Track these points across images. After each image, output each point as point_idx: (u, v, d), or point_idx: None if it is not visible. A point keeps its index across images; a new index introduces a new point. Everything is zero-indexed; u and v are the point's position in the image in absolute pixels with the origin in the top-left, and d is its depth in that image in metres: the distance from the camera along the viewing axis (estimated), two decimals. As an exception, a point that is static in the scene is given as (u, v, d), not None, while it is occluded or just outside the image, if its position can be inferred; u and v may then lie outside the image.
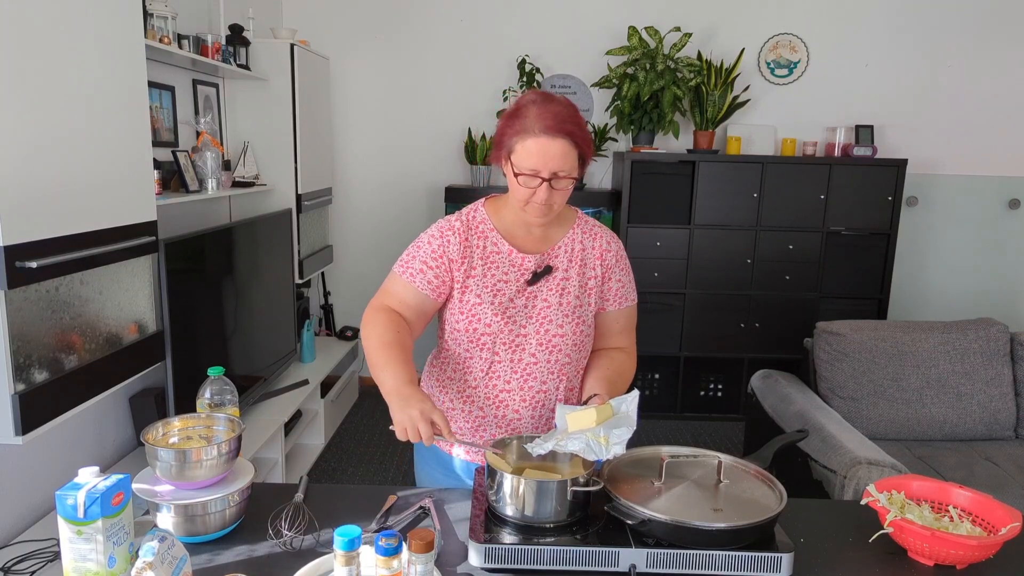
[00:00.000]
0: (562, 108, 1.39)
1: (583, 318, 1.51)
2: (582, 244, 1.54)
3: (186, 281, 2.47)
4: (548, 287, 1.50)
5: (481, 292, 1.48)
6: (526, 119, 1.38)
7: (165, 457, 1.27)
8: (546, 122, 1.36)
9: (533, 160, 1.37)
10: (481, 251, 1.50)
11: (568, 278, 1.51)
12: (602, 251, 1.54)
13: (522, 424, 1.53)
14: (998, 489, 2.42)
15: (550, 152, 1.36)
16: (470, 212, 1.54)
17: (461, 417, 1.56)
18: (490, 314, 1.47)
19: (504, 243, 1.51)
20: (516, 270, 1.50)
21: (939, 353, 2.86)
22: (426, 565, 1.08)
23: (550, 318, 1.49)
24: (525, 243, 1.52)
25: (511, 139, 1.40)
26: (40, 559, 1.66)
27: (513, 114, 1.41)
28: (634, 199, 3.98)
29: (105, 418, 2.42)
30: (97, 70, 1.84)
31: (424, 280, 1.49)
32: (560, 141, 1.36)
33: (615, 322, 1.58)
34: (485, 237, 1.51)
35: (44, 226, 1.66)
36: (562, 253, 1.53)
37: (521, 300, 1.49)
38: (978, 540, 1.22)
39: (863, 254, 4.07)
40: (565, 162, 1.38)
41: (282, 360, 3.46)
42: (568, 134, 1.37)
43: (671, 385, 4.21)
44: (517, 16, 4.29)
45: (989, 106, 4.33)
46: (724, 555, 1.19)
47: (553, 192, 1.40)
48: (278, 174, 3.60)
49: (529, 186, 1.40)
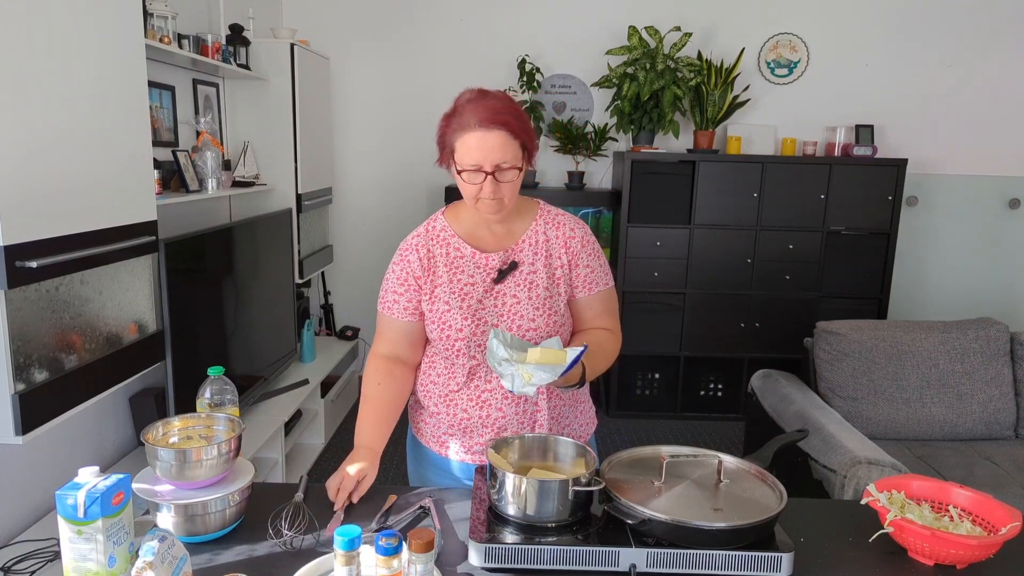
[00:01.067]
0: (497, 101, 1.40)
1: (554, 308, 1.50)
2: (546, 235, 1.53)
3: (186, 281, 2.47)
4: (516, 283, 1.50)
5: (449, 299, 1.49)
6: (463, 116, 1.39)
7: (165, 457, 1.27)
8: (481, 115, 1.37)
9: (473, 155, 1.38)
10: (444, 258, 1.51)
11: (535, 271, 1.51)
12: (566, 239, 1.53)
13: (507, 422, 1.52)
14: (998, 489, 2.42)
15: (488, 144, 1.37)
16: (429, 223, 1.56)
17: (446, 422, 1.55)
18: (459, 319, 1.47)
19: (466, 246, 1.51)
20: (481, 271, 1.50)
21: (939, 353, 2.86)
22: (426, 565, 1.08)
23: (520, 313, 1.48)
24: (488, 243, 1.52)
25: (450, 137, 1.41)
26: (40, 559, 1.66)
27: (451, 113, 1.43)
28: (634, 199, 3.98)
29: (105, 418, 2.42)
30: (97, 70, 1.84)
31: (400, 308, 1.53)
32: (497, 132, 1.37)
33: (588, 308, 1.56)
34: (447, 243, 1.52)
35: (44, 226, 1.66)
36: (526, 247, 1.52)
37: (490, 300, 1.49)
38: (978, 540, 1.22)
39: (863, 254, 4.07)
40: (505, 153, 1.38)
41: (282, 360, 3.46)
42: (504, 124, 1.37)
43: (671, 385, 4.21)
44: (517, 16, 4.29)
45: (989, 106, 4.33)
46: (724, 555, 1.19)
47: (499, 185, 1.40)
48: (278, 174, 3.60)
49: (474, 182, 1.40)
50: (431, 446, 1.60)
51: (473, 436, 1.54)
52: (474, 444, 1.55)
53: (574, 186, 4.21)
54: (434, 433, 1.60)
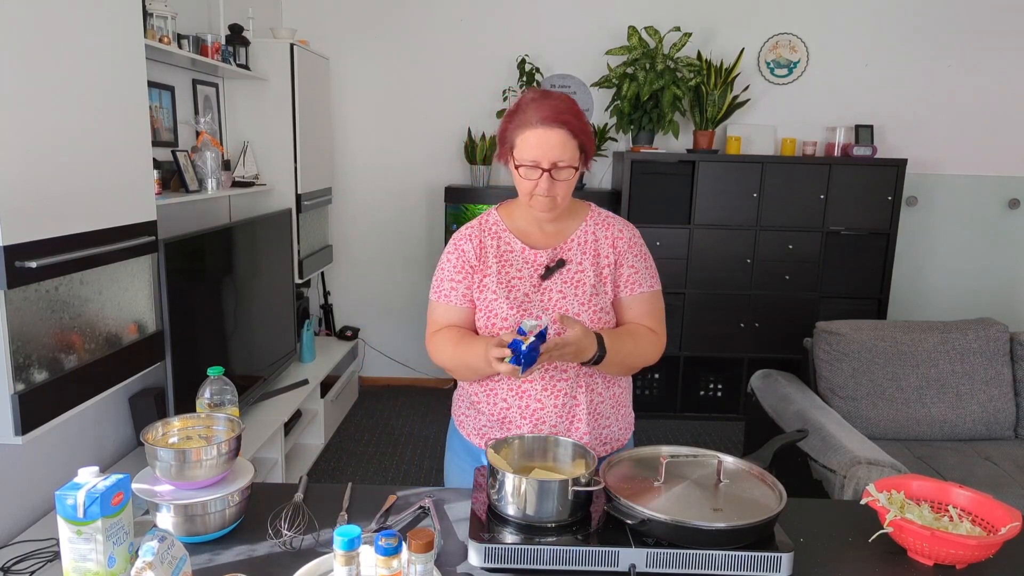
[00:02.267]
0: (559, 101, 1.45)
1: (600, 306, 1.52)
2: (595, 235, 1.56)
3: (186, 281, 2.47)
4: (563, 280, 1.53)
5: (496, 288, 1.52)
6: (525, 113, 1.44)
7: (165, 457, 1.27)
8: (543, 113, 1.42)
9: (532, 151, 1.43)
10: (495, 250, 1.56)
11: (583, 269, 1.54)
12: (614, 238, 1.56)
13: (546, 414, 1.53)
14: (998, 489, 2.42)
15: (548, 142, 1.42)
16: (483, 217, 1.61)
17: (487, 409, 1.57)
18: (505, 308, 1.51)
19: (517, 241, 1.56)
20: (529, 266, 1.54)
21: (939, 353, 2.86)
22: (426, 565, 1.08)
23: (566, 308, 1.50)
24: (539, 240, 1.57)
25: (512, 134, 1.46)
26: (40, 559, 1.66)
27: (513, 110, 1.48)
28: (634, 199, 3.98)
29: (105, 418, 2.42)
30: (97, 70, 1.84)
31: (458, 295, 1.56)
32: (557, 131, 1.42)
33: (629, 309, 1.57)
34: (498, 237, 1.57)
35: (44, 226, 1.66)
36: (575, 246, 1.55)
37: (537, 295, 1.52)
38: (978, 540, 1.22)
39: (863, 254, 4.07)
40: (564, 152, 1.43)
41: (282, 360, 3.47)
42: (564, 123, 1.42)
43: (671, 385, 4.21)
44: (517, 16, 4.29)
45: (989, 106, 4.33)
46: (724, 555, 1.19)
47: (555, 183, 1.44)
48: (278, 174, 3.60)
49: (530, 178, 1.45)
50: (471, 438, 1.62)
51: (511, 428, 1.56)
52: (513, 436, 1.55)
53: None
54: (475, 425, 1.61)
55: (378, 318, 4.64)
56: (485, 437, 1.59)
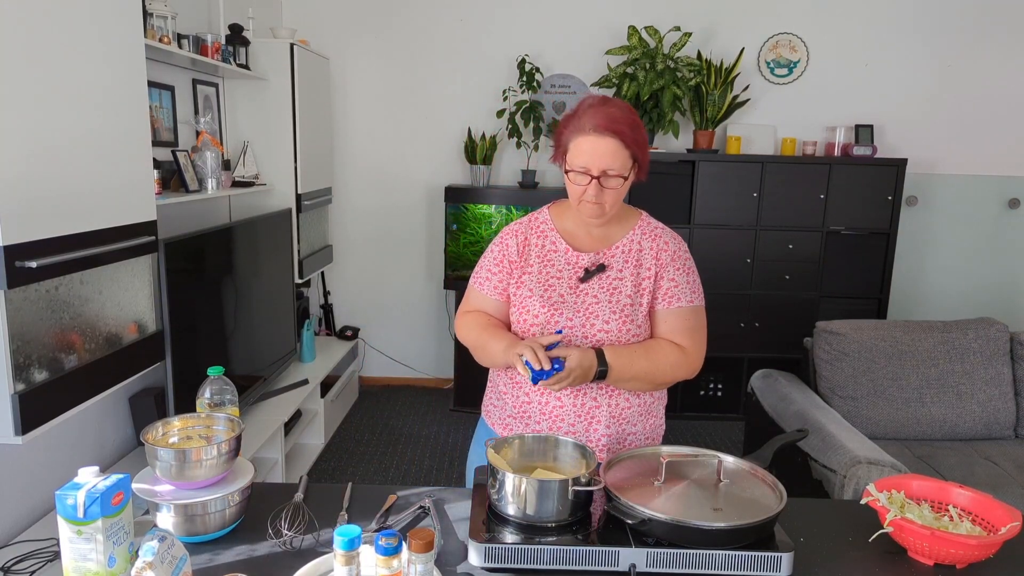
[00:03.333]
0: (617, 110, 1.45)
1: (632, 318, 1.51)
2: (640, 245, 1.57)
3: (186, 281, 2.47)
4: (600, 285, 1.53)
5: (533, 286, 1.54)
6: (581, 119, 1.45)
7: (165, 457, 1.27)
8: (597, 121, 1.43)
9: (583, 158, 1.44)
10: (539, 249, 1.58)
11: (622, 278, 1.54)
12: (658, 250, 1.56)
13: (564, 412, 1.53)
14: (998, 489, 2.42)
15: (599, 150, 1.43)
16: (535, 214, 1.63)
17: (510, 402, 1.59)
18: (537, 306, 1.52)
19: (562, 242, 1.57)
20: (571, 268, 1.55)
21: (939, 353, 2.86)
22: (426, 565, 1.08)
23: (596, 313, 1.51)
24: (584, 243, 1.58)
25: (566, 137, 1.48)
26: (40, 559, 1.66)
27: (571, 115, 1.49)
28: (634, 199, 3.94)
29: (105, 418, 2.42)
30: (97, 70, 1.84)
31: (491, 286, 1.60)
32: (609, 140, 1.42)
33: (663, 322, 1.55)
34: (545, 236, 1.59)
35: (44, 226, 1.66)
36: (619, 253, 1.56)
37: (572, 297, 1.53)
38: (978, 540, 1.22)
39: (863, 254, 4.07)
40: (615, 161, 1.43)
41: (282, 360, 3.47)
42: (617, 133, 1.42)
43: (671, 385, 4.20)
44: (517, 16, 4.29)
45: (989, 106, 4.33)
46: (724, 555, 1.19)
47: (603, 191, 1.45)
48: (278, 174, 3.60)
49: (580, 183, 1.46)
50: (496, 428, 1.64)
51: (530, 423, 1.57)
52: (532, 431, 1.57)
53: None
54: (500, 416, 1.63)
55: (378, 318, 4.64)
56: (508, 428, 1.61)
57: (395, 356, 4.68)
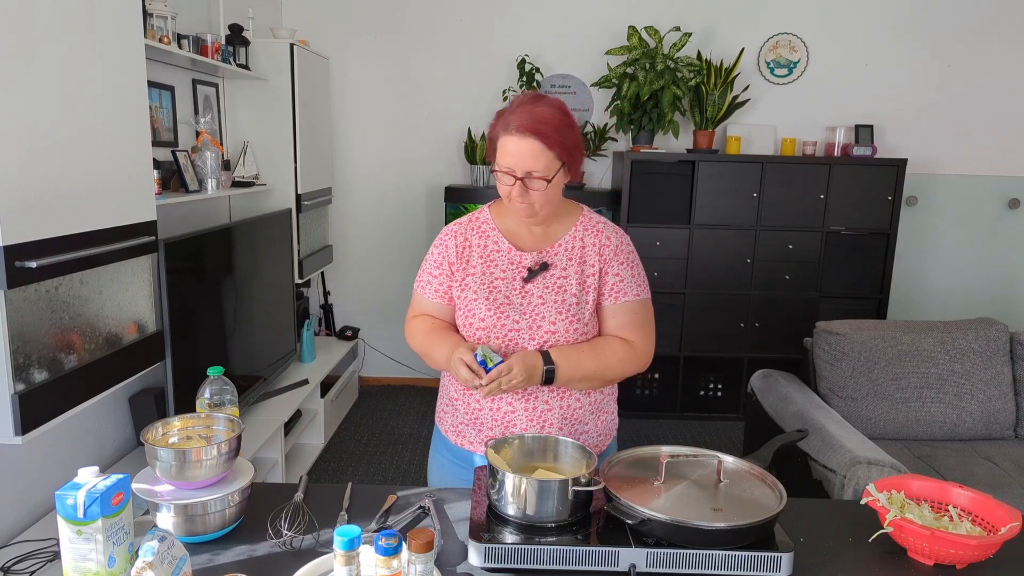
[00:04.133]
0: (545, 109, 1.39)
1: (579, 316, 1.49)
2: (583, 241, 1.53)
3: (186, 281, 2.47)
4: (545, 285, 1.50)
5: (478, 288, 1.51)
6: (509, 117, 1.40)
7: (165, 457, 1.27)
8: (522, 121, 1.37)
9: (507, 158, 1.40)
10: (481, 249, 1.54)
11: (566, 276, 1.51)
12: (601, 245, 1.53)
13: (516, 417, 1.52)
14: (998, 489, 2.42)
15: (521, 151, 1.37)
16: (475, 213, 1.59)
17: (463, 409, 1.57)
18: (483, 309, 1.49)
19: (504, 241, 1.54)
20: (514, 268, 1.52)
21: (939, 353, 2.86)
22: (426, 565, 1.08)
23: (543, 314, 1.48)
24: (526, 242, 1.54)
25: (495, 135, 1.43)
26: (40, 559, 1.66)
27: (502, 111, 1.44)
28: (634, 199, 3.98)
29: (105, 418, 2.42)
30: (97, 70, 1.84)
31: (432, 289, 1.57)
32: (531, 141, 1.37)
33: (612, 317, 1.53)
34: (486, 236, 1.55)
35: (44, 226, 1.66)
36: (562, 251, 1.53)
37: (518, 298, 1.50)
38: (978, 540, 1.22)
39: (863, 254, 4.07)
40: (537, 162, 1.37)
41: (282, 360, 3.47)
42: (539, 134, 1.36)
43: (671, 385, 4.21)
44: (517, 16, 4.29)
45: (989, 106, 4.33)
46: (724, 555, 1.19)
47: (528, 191, 1.40)
48: (278, 174, 3.60)
49: (505, 183, 1.42)
50: (449, 435, 1.63)
51: (483, 430, 1.56)
52: (485, 438, 1.56)
53: (574, 186, 4.21)
54: (453, 423, 1.62)
55: (378, 318, 4.64)
56: (461, 435, 1.60)
57: (395, 356, 4.68)
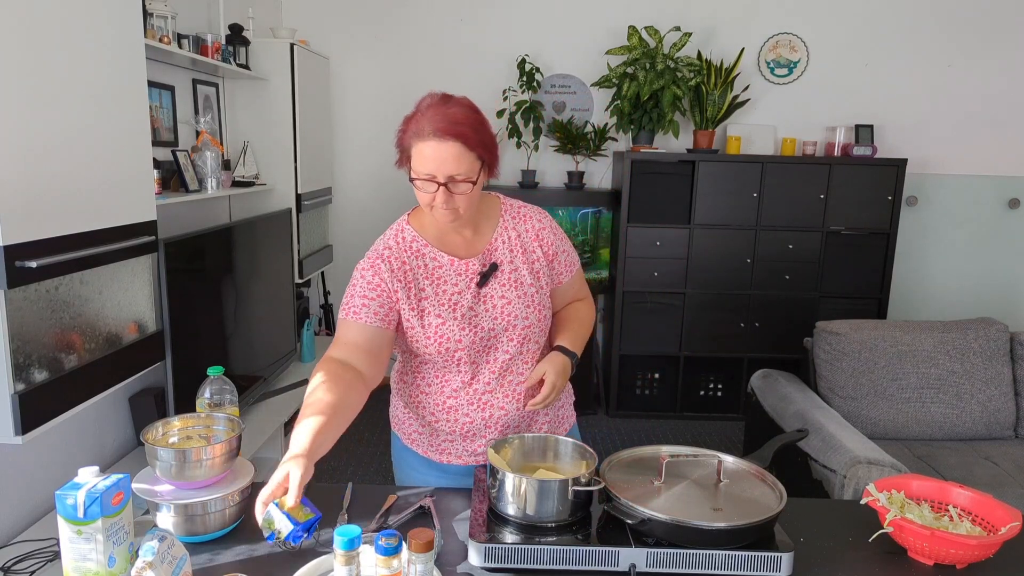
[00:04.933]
0: (458, 110, 1.35)
1: (542, 302, 1.52)
2: (516, 231, 1.52)
3: (186, 281, 2.47)
4: (500, 283, 1.49)
5: (441, 311, 1.45)
6: (420, 121, 1.34)
7: (165, 457, 1.27)
8: (437, 124, 1.32)
9: (427, 164, 1.34)
10: (424, 270, 1.47)
11: (516, 268, 1.50)
12: (537, 231, 1.53)
13: (509, 419, 1.52)
14: (998, 489, 2.42)
15: (441, 155, 1.33)
16: (397, 234, 1.51)
17: (446, 430, 1.53)
18: (457, 330, 1.44)
19: (443, 255, 1.48)
20: (464, 278, 1.47)
21: (939, 353, 2.86)
22: (426, 565, 1.08)
23: (514, 313, 1.48)
24: (461, 248, 1.49)
25: (407, 141, 1.37)
26: (40, 559, 1.66)
27: (410, 116, 1.38)
28: (634, 199, 3.98)
29: (105, 418, 2.42)
30: (97, 70, 1.84)
31: (369, 313, 1.42)
32: (451, 143, 1.32)
33: (570, 288, 1.61)
34: (422, 255, 1.48)
35: (44, 226, 1.66)
36: (500, 246, 1.51)
37: (480, 305, 1.47)
38: (978, 540, 1.22)
39: (863, 254, 4.07)
40: (460, 165, 1.34)
41: (282, 360, 3.46)
42: (459, 136, 1.32)
43: (671, 385, 4.21)
44: (517, 16, 4.29)
45: (989, 106, 4.33)
46: (724, 555, 1.19)
47: (452, 196, 1.36)
48: (278, 174, 3.60)
49: (427, 191, 1.37)
50: (430, 455, 1.58)
51: (476, 440, 1.53)
52: (477, 447, 1.54)
53: (574, 186, 4.21)
54: (432, 442, 1.57)
55: (378, 318, 4.63)
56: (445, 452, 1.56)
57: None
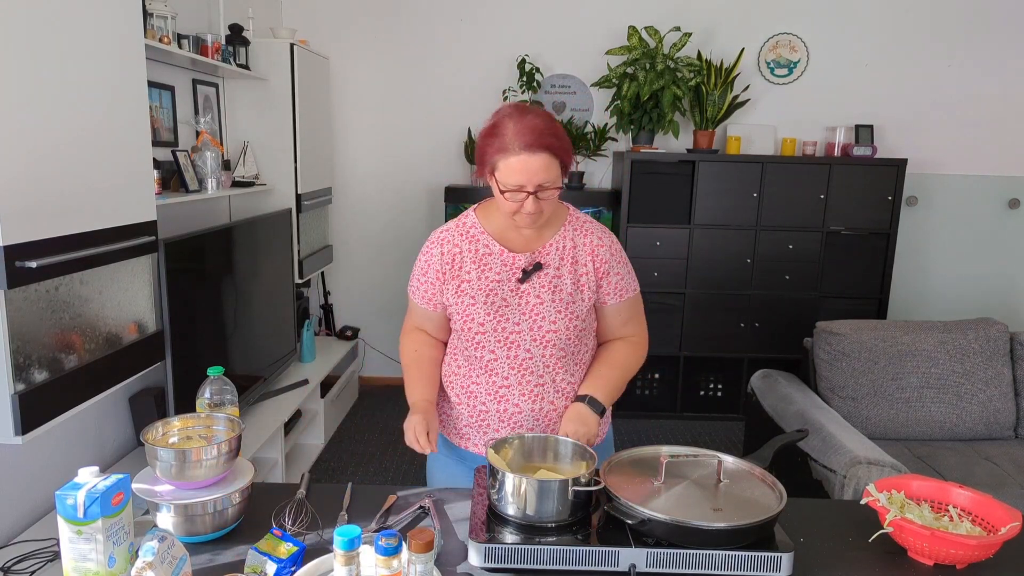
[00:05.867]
0: (540, 121, 1.41)
1: (576, 313, 1.53)
2: (573, 241, 1.56)
3: (186, 281, 2.47)
4: (540, 284, 1.53)
5: (475, 293, 1.53)
6: (504, 137, 1.40)
7: (165, 457, 1.27)
8: (525, 139, 1.38)
9: (517, 177, 1.40)
10: (473, 254, 1.55)
11: (560, 275, 1.54)
12: (593, 247, 1.56)
13: (523, 417, 1.55)
14: (998, 489, 2.42)
15: (532, 167, 1.39)
16: (461, 219, 1.60)
17: (467, 412, 1.59)
18: (482, 313, 1.52)
19: (495, 244, 1.55)
20: (508, 269, 1.54)
21: (939, 353, 2.86)
22: (426, 565, 1.08)
23: (542, 314, 1.52)
24: (517, 243, 1.56)
25: (492, 157, 1.42)
26: (40, 559, 1.66)
27: (491, 131, 1.43)
28: (634, 199, 3.98)
29: (105, 418, 2.42)
30: (97, 70, 1.84)
31: (420, 295, 1.59)
32: (541, 156, 1.39)
33: (617, 315, 1.60)
34: (476, 240, 1.56)
35: (44, 226, 1.66)
36: (553, 251, 1.55)
37: (515, 299, 1.53)
38: (978, 540, 1.22)
39: (863, 254, 4.07)
40: (548, 174, 1.41)
41: (282, 360, 3.46)
42: (547, 147, 1.39)
43: (671, 385, 4.21)
44: (517, 16, 4.29)
45: (989, 106, 4.33)
46: (724, 555, 1.19)
47: (540, 202, 1.43)
48: (278, 174, 3.60)
49: (516, 200, 1.43)
50: (451, 438, 1.65)
51: (489, 431, 1.58)
52: (491, 440, 1.57)
53: (574, 186, 4.21)
54: (455, 425, 1.64)
55: (378, 318, 4.64)
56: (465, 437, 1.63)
57: (395, 356, 4.68)
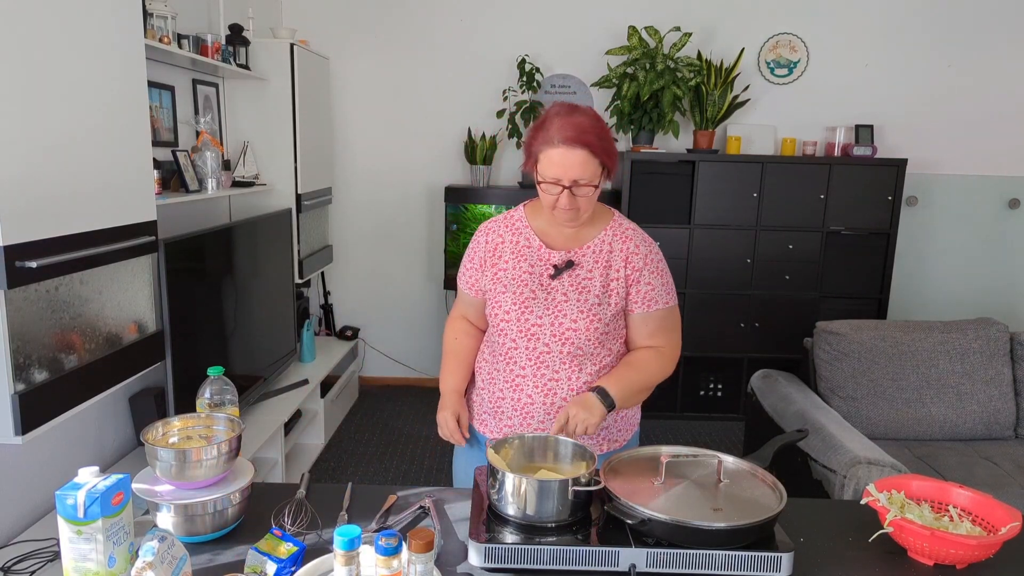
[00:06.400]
0: (584, 119, 1.47)
1: (600, 316, 1.55)
2: (610, 245, 1.59)
3: (186, 281, 2.47)
4: (569, 283, 1.56)
5: (508, 282, 1.59)
6: (549, 130, 1.47)
7: (165, 457, 1.27)
8: (566, 133, 1.44)
9: (554, 169, 1.46)
10: (513, 245, 1.61)
11: (591, 277, 1.56)
12: (628, 253, 1.58)
13: (534, 409, 1.57)
14: (998, 489, 2.42)
15: (569, 161, 1.45)
16: (511, 212, 1.68)
17: (487, 399, 1.65)
18: (508, 303, 1.57)
19: (535, 239, 1.60)
20: (542, 264, 1.59)
21: (939, 353, 2.86)
22: (426, 565, 1.08)
23: (565, 312, 1.55)
24: (556, 241, 1.61)
25: (536, 148, 1.50)
26: (40, 559, 1.66)
27: (539, 125, 1.51)
28: (634, 199, 3.98)
29: (105, 418, 2.42)
30: (97, 70, 1.84)
31: (464, 280, 1.68)
32: (579, 151, 1.44)
33: (643, 325, 1.61)
34: (519, 233, 1.62)
35: (44, 226, 1.66)
36: (589, 252, 1.58)
37: (543, 293, 1.57)
38: (978, 540, 1.22)
39: (863, 254, 4.07)
40: (585, 171, 1.45)
41: (282, 360, 3.46)
42: (586, 144, 1.44)
43: (671, 385, 4.21)
44: (517, 16, 4.29)
45: (989, 106, 4.33)
46: (724, 555, 1.19)
47: (575, 198, 1.48)
48: (278, 174, 3.60)
49: (552, 193, 1.49)
50: (473, 422, 1.70)
51: (503, 418, 1.62)
52: (504, 427, 1.62)
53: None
54: (478, 411, 1.69)
55: (378, 318, 4.64)
56: (483, 423, 1.67)
57: (395, 356, 4.68)
